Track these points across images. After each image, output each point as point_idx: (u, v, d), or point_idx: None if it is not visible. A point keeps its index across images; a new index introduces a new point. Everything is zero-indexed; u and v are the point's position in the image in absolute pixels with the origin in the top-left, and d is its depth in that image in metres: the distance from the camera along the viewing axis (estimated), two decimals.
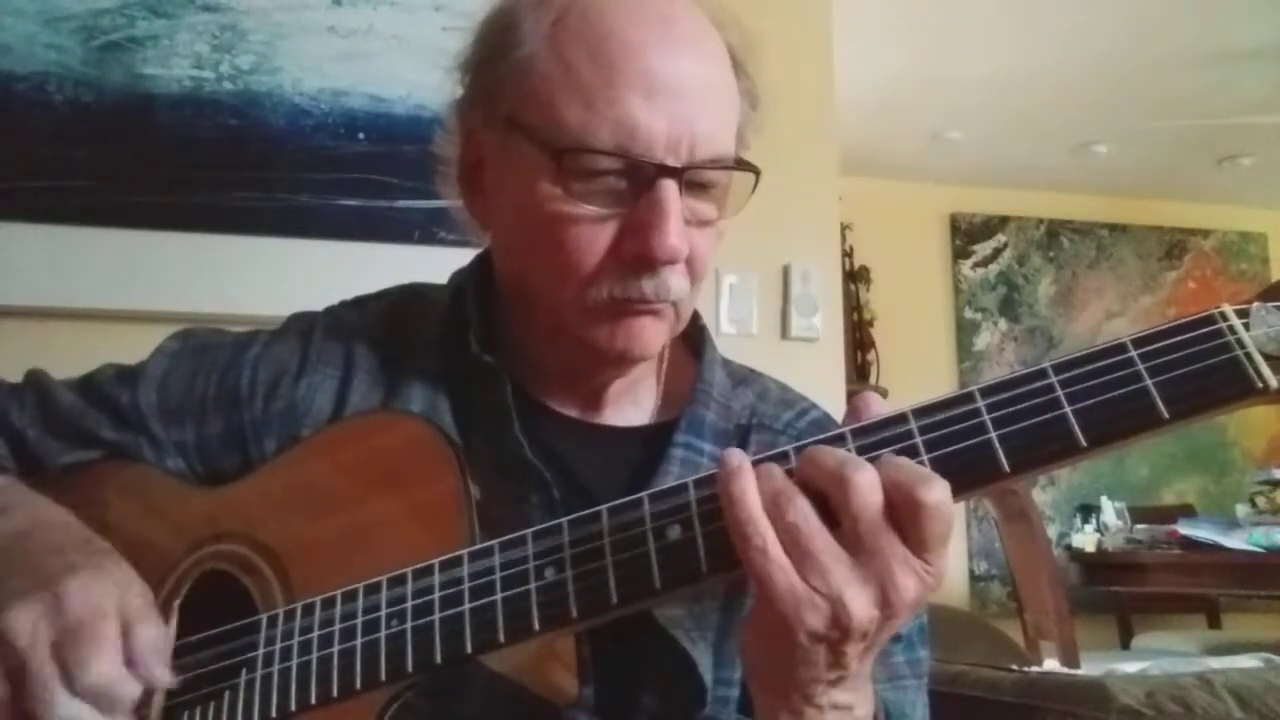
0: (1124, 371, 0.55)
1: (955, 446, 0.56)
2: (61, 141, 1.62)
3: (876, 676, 0.76)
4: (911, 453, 0.56)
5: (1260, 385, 0.53)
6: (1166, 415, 0.54)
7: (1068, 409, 0.55)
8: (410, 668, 0.63)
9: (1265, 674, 1.09)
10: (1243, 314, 0.55)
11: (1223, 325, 0.55)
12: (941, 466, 0.55)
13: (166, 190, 1.65)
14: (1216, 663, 1.67)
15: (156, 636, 0.68)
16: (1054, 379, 0.56)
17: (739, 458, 0.57)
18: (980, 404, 0.56)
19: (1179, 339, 0.55)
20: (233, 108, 1.70)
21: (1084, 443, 0.54)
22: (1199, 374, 0.54)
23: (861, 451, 0.57)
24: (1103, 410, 0.55)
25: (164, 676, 0.67)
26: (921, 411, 0.57)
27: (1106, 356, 0.56)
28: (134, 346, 0.88)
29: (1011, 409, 0.56)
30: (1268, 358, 0.54)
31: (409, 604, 0.64)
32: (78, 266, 1.60)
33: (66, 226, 1.60)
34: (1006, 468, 0.55)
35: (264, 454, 0.80)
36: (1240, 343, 0.54)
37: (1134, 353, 0.55)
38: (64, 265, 1.59)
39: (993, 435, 0.55)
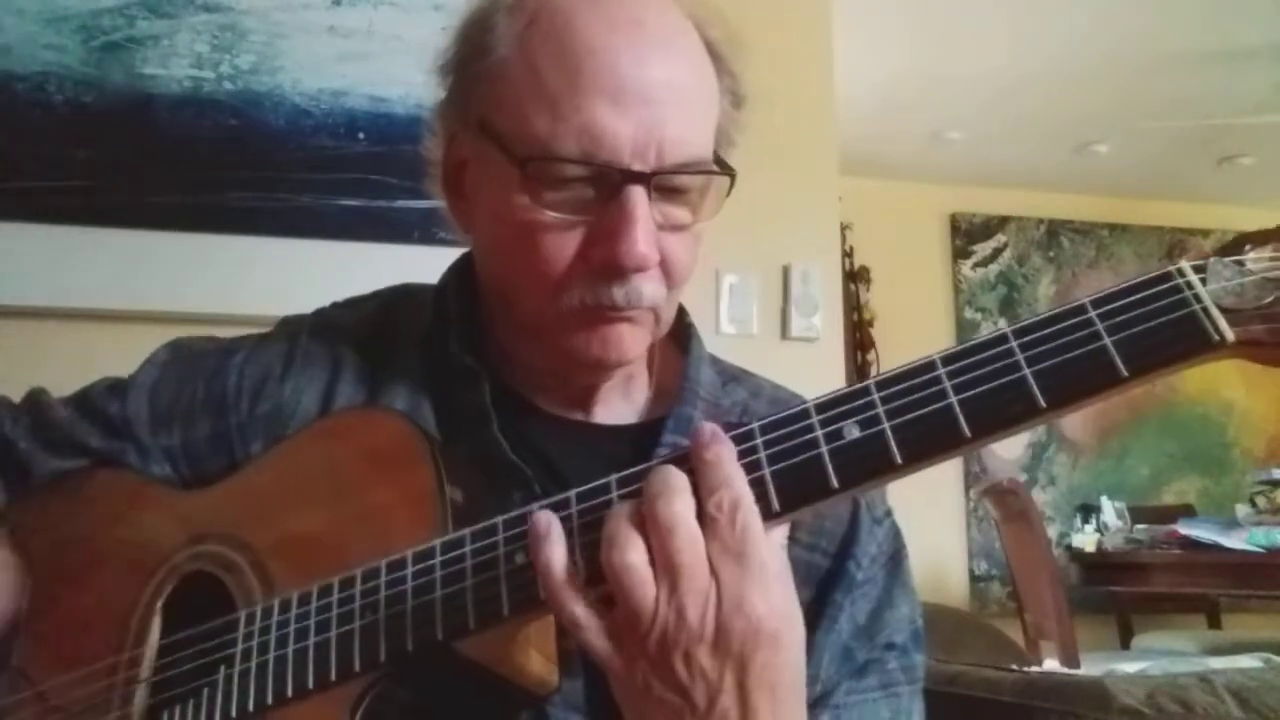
0: (1083, 332, 0.55)
1: (916, 413, 0.56)
2: (61, 141, 1.62)
3: (870, 685, 0.76)
4: (873, 422, 0.57)
5: (1217, 339, 0.53)
6: (1125, 373, 0.54)
7: (1027, 371, 0.55)
8: (383, 657, 0.63)
9: (1265, 674, 1.09)
10: (1199, 269, 0.55)
11: (1180, 281, 0.55)
12: (903, 434, 0.56)
13: (166, 190, 1.65)
14: (1217, 663, 1.67)
15: None
16: (1014, 343, 0.56)
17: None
18: (941, 371, 0.57)
19: (1136, 297, 0.55)
20: (233, 108, 1.69)
21: (1043, 403, 0.54)
22: (1156, 330, 0.54)
23: (824, 425, 0.58)
24: (1062, 371, 0.54)
25: None
26: (883, 383, 0.58)
27: (1065, 319, 0.56)
28: (134, 346, 0.88)
29: (972, 374, 0.56)
30: (1225, 311, 0.53)
31: (382, 595, 0.64)
32: (78, 266, 1.59)
33: (66, 226, 1.59)
34: (968, 432, 0.55)
35: (249, 457, 0.80)
36: (1197, 298, 0.54)
37: (1093, 313, 0.55)
38: (64, 265, 1.59)
39: (953, 400, 0.56)
